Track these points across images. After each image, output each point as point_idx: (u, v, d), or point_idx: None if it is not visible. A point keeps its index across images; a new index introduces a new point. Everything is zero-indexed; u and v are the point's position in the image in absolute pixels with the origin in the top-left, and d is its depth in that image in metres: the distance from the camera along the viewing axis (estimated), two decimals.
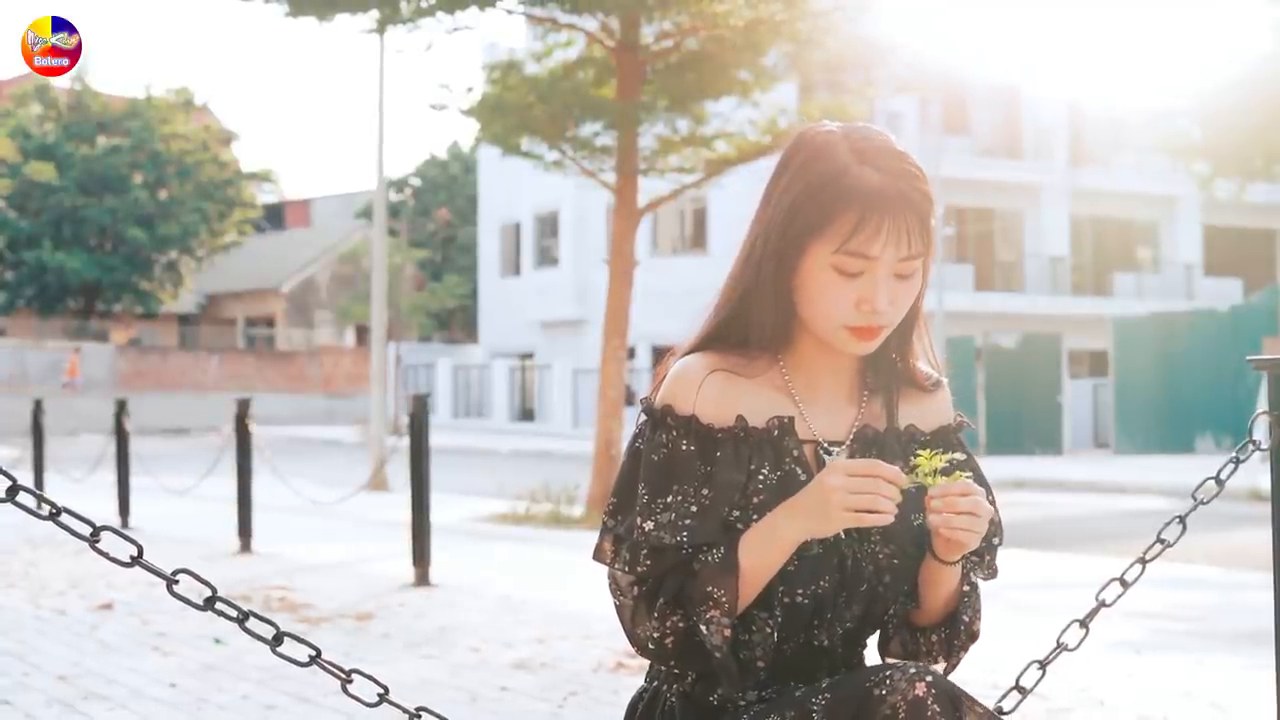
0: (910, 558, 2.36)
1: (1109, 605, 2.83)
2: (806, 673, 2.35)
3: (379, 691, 2.45)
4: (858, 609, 2.35)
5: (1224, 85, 21.06)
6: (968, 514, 2.22)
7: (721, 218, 40.95)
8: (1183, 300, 41.89)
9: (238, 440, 11.94)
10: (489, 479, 21.59)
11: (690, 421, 2.32)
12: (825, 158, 2.30)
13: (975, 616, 2.44)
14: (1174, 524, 2.87)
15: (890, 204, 2.25)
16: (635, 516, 2.30)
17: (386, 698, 2.45)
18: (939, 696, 2.09)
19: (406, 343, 51.51)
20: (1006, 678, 3.59)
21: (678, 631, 2.26)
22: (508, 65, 15.87)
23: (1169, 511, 14.02)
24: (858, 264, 2.26)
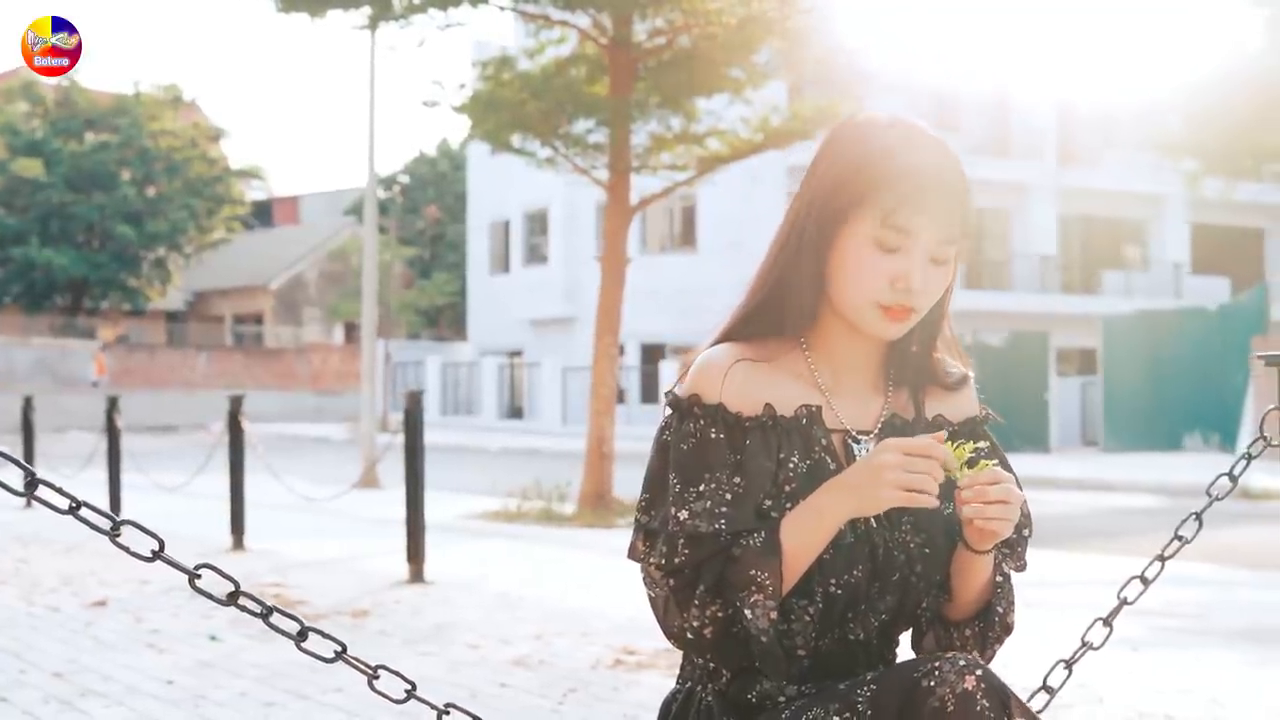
0: (941, 547, 2.35)
1: (1131, 603, 2.83)
2: (844, 668, 2.33)
3: (406, 688, 2.44)
4: (891, 600, 2.34)
5: (1212, 83, 21.09)
6: (999, 502, 2.22)
7: (710, 216, 40.94)
8: (1170, 299, 41.95)
9: (230, 437, 11.92)
10: (479, 477, 21.58)
11: (718, 410, 2.32)
12: (872, 138, 2.33)
13: (1009, 608, 2.43)
14: (1191, 521, 2.86)
15: (935, 185, 2.28)
16: (669, 507, 2.28)
17: (414, 694, 2.44)
18: (988, 691, 2.07)
19: (395, 340, 51.44)
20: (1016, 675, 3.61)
21: (717, 621, 2.24)
22: (500, 62, 15.84)
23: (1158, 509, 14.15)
24: (898, 239, 2.27)
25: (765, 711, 2.29)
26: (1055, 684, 2.79)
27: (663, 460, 2.34)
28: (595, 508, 14.71)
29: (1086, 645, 2.81)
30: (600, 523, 14.07)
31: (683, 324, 40.61)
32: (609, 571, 10.11)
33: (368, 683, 2.43)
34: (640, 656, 6.43)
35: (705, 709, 2.34)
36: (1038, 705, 2.74)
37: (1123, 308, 37.31)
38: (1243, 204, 42.89)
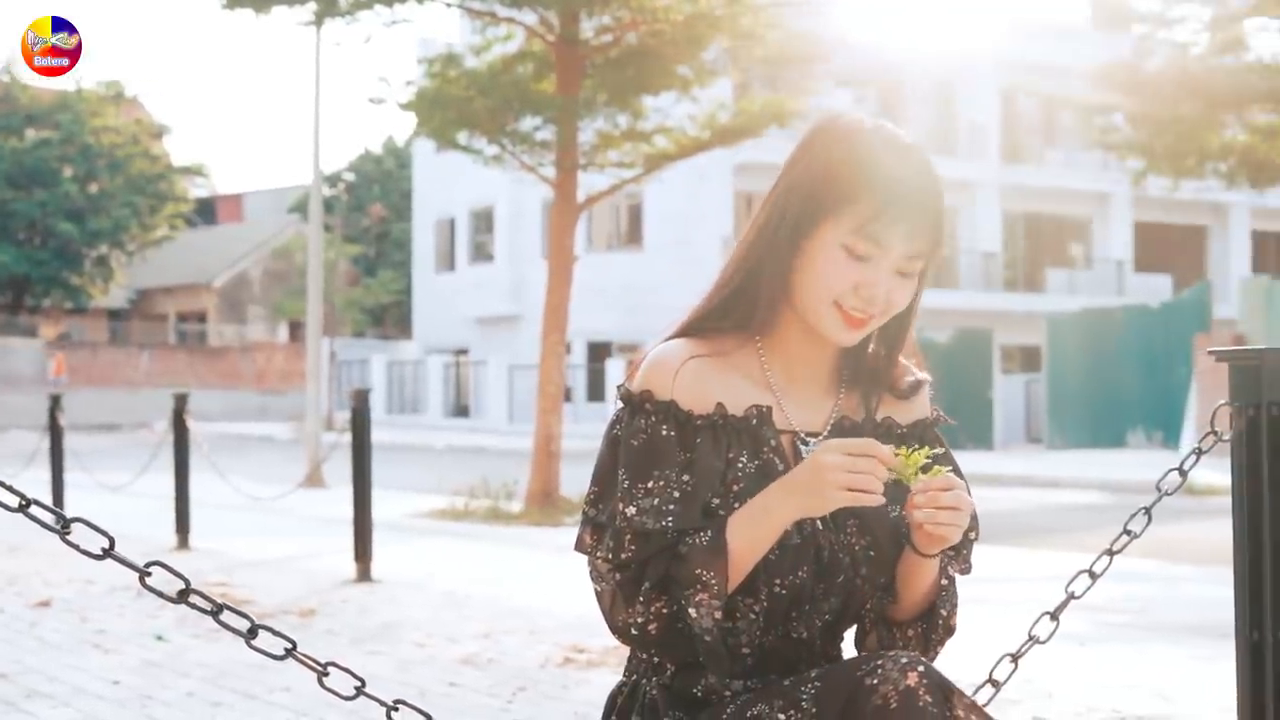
0: (886, 550, 2.36)
1: (1078, 598, 2.85)
2: (787, 664, 2.34)
3: (355, 685, 2.42)
4: (835, 601, 2.35)
5: (1158, 83, 21.23)
6: (950, 508, 2.23)
7: (657, 214, 40.96)
8: (1113, 296, 42.22)
9: (175, 436, 11.84)
10: (425, 475, 21.51)
11: (670, 406, 2.32)
12: (853, 142, 2.33)
13: (952, 611, 2.45)
14: (1140, 516, 2.88)
15: (912, 200, 2.29)
16: (617, 503, 2.29)
17: (364, 690, 2.43)
18: (931, 687, 2.08)
19: (340, 339, 51.25)
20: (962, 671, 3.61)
21: (662, 618, 2.25)
22: (447, 59, 15.78)
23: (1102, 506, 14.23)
24: (869, 248, 2.27)
25: (710, 706, 2.29)
26: (1001, 678, 2.80)
27: (612, 454, 2.34)
28: (542, 506, 14.68)
29: (1033, 639, 2.82)
30: (548, 521, 14.05)
31: (629, 322, 40.62)
32: (557, 570, 10.09)
33: (317, 680, 2.42)
34: (590, 655, 6.41)
35: (650, 703, 2.34)
36: (984, 698, 2.75)
37: (1067, 305, 37.56)
38: (1185, 202, 43.26)
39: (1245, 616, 2.97)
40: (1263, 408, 2.95)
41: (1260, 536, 2.96)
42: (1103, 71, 21.99)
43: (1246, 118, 21.96)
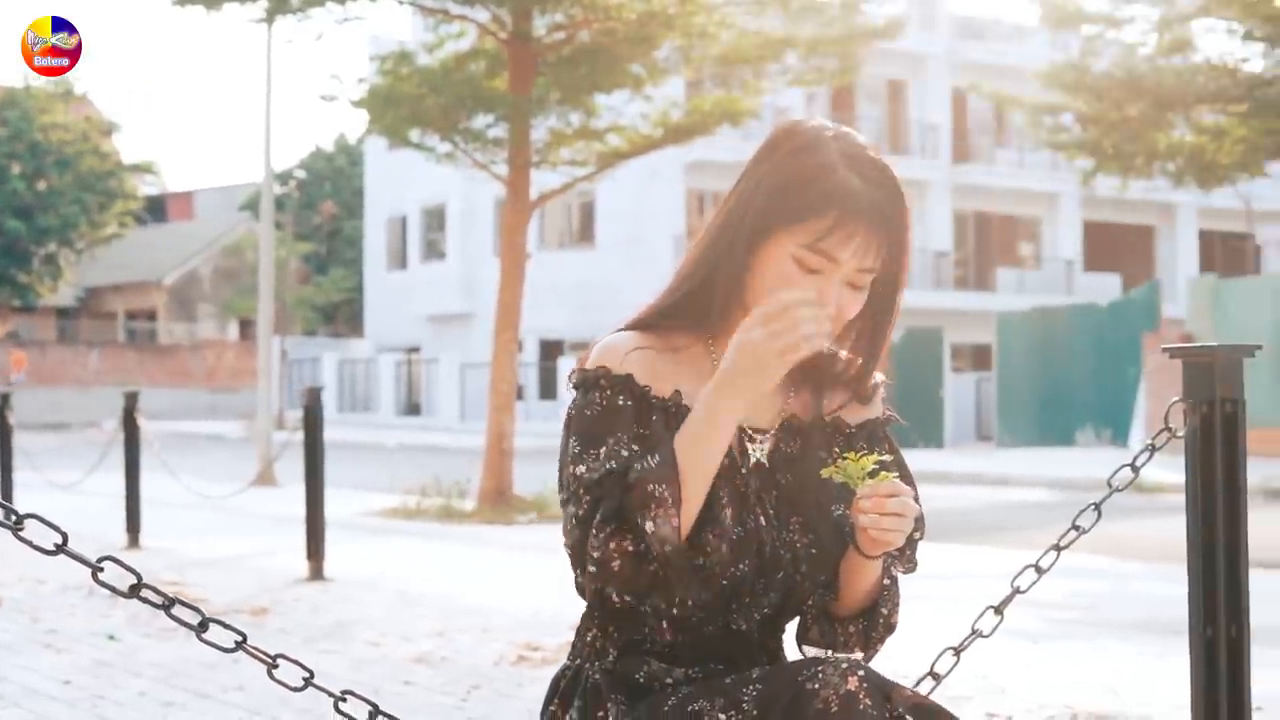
0: (829, 548, 2.37)
1: (1024, 591, 2.86)
2: (726, 656, 2.36)
3: (304, 676, 2.42)
4: (775, 596, 2.36)
5: (1107, 84, 21.36)
6: (895, 514, 2.24)
7: (609, 212, 40.96)
8: (1063, 295, 42.46)
9: (125, 434, 11.77)
10: (377, 474, 21.45)
11: (626, 380, 2.33)
12: (815, 152, 2.32)
13: (894, 609, 2.47)
14: (1090, 511, 2.90)
15: (868, 214, 2.28)
16: (570, 472, 2.29)
17: (312, 682, 2.42)
18: (871, 690, 2.10)
19: (291, 337, 51.03)
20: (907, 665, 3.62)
21: (625, 554, 2.21)
22: (399, 56, 15.73)
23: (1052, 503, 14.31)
24: (821, 263, 2.28)
25: (653, 693, 2.30)
26: (943, 670, 2.81)
27: (568, 435, 2.35)
28: (495, 504, 14.66)
29: (976, 633, 2.83)
30: (500, 519, 14.03)
31: (581, 320, 40.60)
32: (510, 568, 10.09)
33: (267, 672, 2.41)
34: (544, 652, 6.41)
35: (593, 687, 2.35)
36: (924, 691, 2.76)
37: (1016, 304, 37.74)
38: (1133, 202, 43.55)
39: (1199, 612, 3.00)
40: (1215, 404, 2.98)
41: (1213, 532, 2.99)
42: (1052, 72, 22.10)
43: (1194, 118, 22.11)
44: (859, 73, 17.09)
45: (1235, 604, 2.99)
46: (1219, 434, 2.98)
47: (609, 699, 2.31)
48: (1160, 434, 2.97)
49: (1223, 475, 2.99)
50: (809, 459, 2.39)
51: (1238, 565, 2.99)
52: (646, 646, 2.36)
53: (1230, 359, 2.99)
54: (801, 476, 2.38)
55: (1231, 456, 2.98)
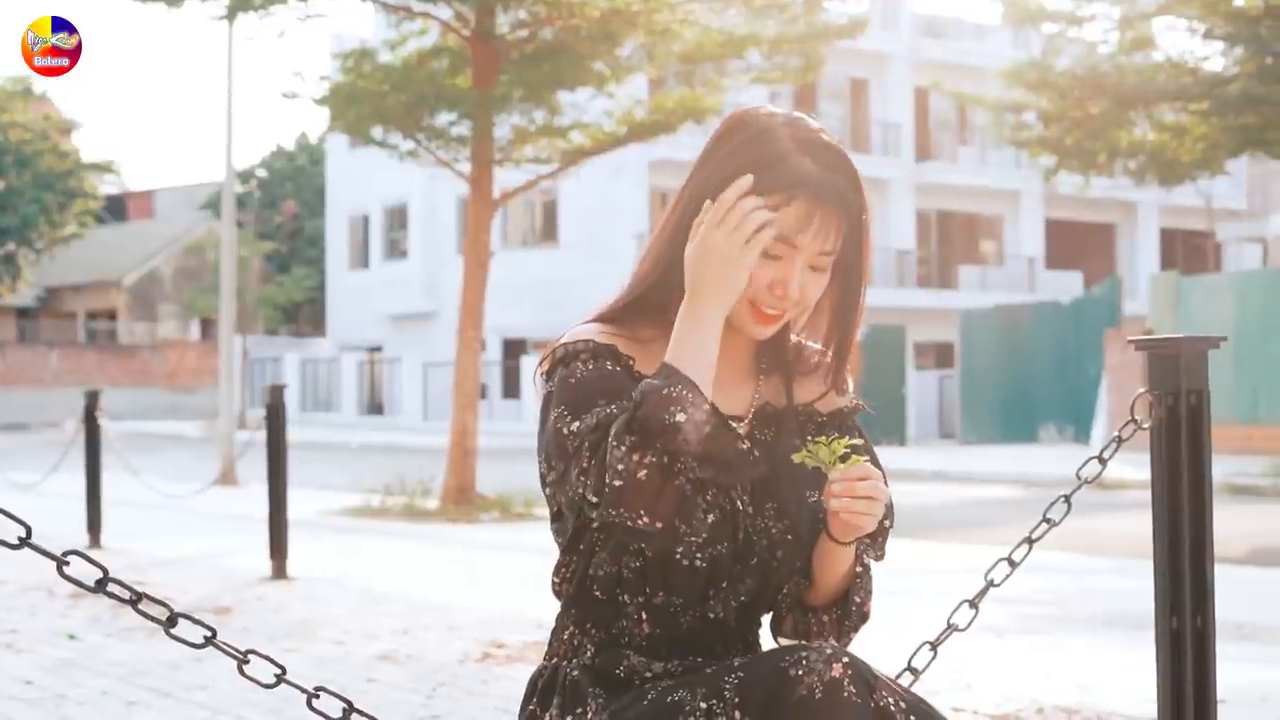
0: (804, 535, 2.37)
1: (997, 585, 2.87)
2: (704, 646, 2.35)
3: (276, 673, 2.40)
4: (751, 583, 2.35)
5: (1068, 82, 21.43)
6: (866, 498, 2.24)
7: (572, 210, 40.91)
8: (1025, 293, 42.61)
9: (87, 434, 11.70)
10: (340, 473, 21.39)
11: (610, 349, 2.32)
12: (767, 140, 2.32)
13: (867, 598, 2.47)
14: (1060, 504, 2.90)
15: (825, 197, 2.29)
16: (559, 434, 2.25)
17: (284, 678, 2.40)
18: (855, 678, 2.08)
19: (253, 336, 50.81)
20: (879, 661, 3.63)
21: (649, 465, 2.15)
22: (361, 53, 15.67)
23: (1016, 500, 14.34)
24: (782, 249, 2.28)
25: (632, 687, 2.28)
26: (920, 665, 2.81)
27: (546, 416, 2.32)
28: (459, 502, 14.62)
29: (952, 627, 2.84)
30: (464, 518, 14.00)
31: (545, 319, 40.55)
32: (474, 566, 10.07)
33: (237, 668, 2.39)
34: (509, 650, 6.40)
35: (571, 683, 2.33)
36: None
37: (979, 302, 37.85)
38: (1094, 200, 43.71)
39: (1165, 603, 2.99)
40: (1181, 396, 2.98)
41: (1179, 524, 2.99)
42: (1014, 70, 22.17)
43: (1155, 116, 22.21)
44: (821, 71, 17.11)
45: (1201, 595, 2.99)
46: (1184, 425, 2.98)
47: (588, 696, 2.29)
48: (1126, 425, 2.97)
49: (1188, 466, 2.98)
50: (783, 446, 2.38)
51: (1203, 556, 2.99)
52: (625, 640, 2.35)
53: (1195, 351, 2.99)
54: (776, 463, 2.37)
55: (1197, 448, 2.98)
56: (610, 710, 2.24)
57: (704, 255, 2.23)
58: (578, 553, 2.37)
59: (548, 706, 2.35)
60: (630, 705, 2.22)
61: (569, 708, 2.30)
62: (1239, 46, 20.73)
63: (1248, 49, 20.41)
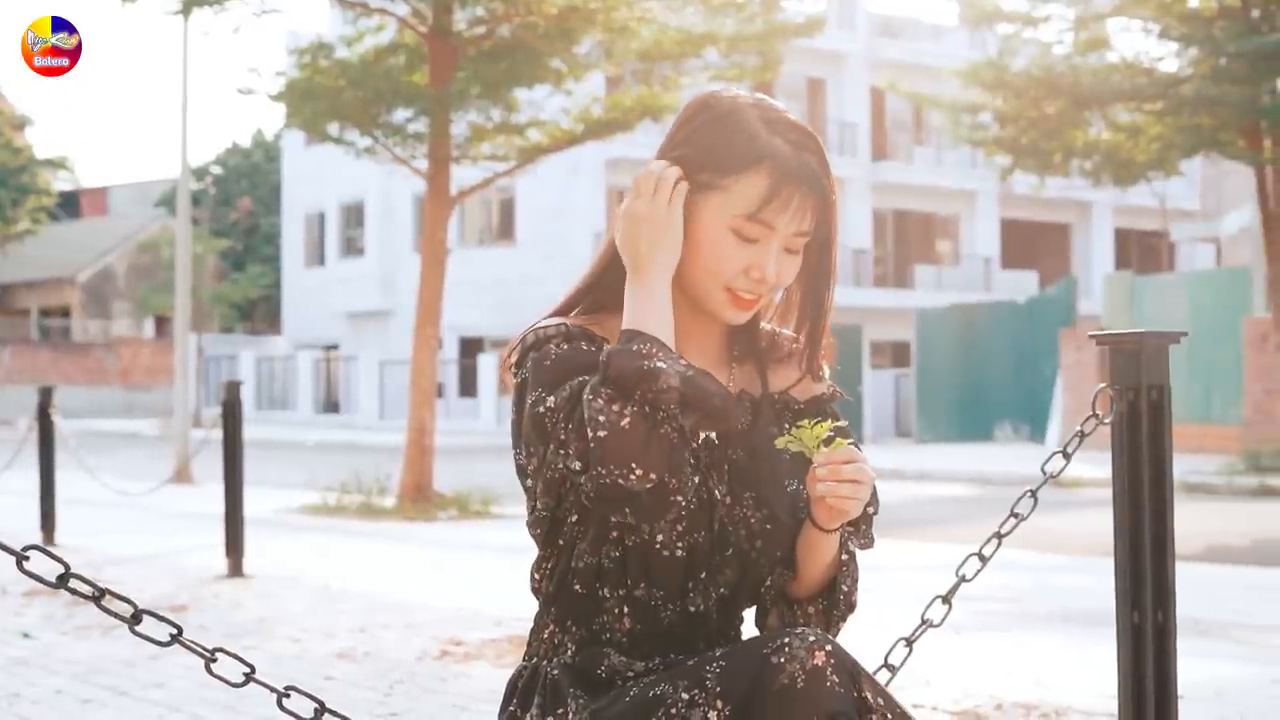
0: (784, 524, 2.34)
1: (969, 580, 2.87)
2: (686, 642, 2.33)
3: (245, 671, 2.37)
4: (731, 574, 2.33)
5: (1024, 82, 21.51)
6: (852, 481, 2.22)
7: (529, 208, 40.86)
8: (981, 293, 42.79)
9: (40, 431, 11.62)
10: (296, 471, 21.30)
11: (583, 331, 2.30)
12: (736, 119, 2.31)
13: (854, 586, 2.45)
14: (1026, 498, 2.91)
15: (799, 178, 2.28)
16: (537, 416, 2.23)
17: (254, 677, 2.37)
18: (838, 666, 2.06)
19: (208, 334, 50.57)
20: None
21: (631, 415, 2.13)
22: (317, 48, 15.59)
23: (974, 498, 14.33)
24: (759, 231, 2.27)
25: (614, 686, 2.26)
26: (896, 661, 2.82)
27: (520, 411, 2.29)
28: (415, 501, 14.57)
29: (926, 623, 2.85)
30: (421, 516, 13.95)
31: (501, 317, 40.49)
32: (431, 564, 10.03)
33: (204, 666, 2.37)
34: (467, 648, 6.37)
35: (552, 683, 2.31)
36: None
37: (935, 301, 37.99)
38: (1050, 200, 43.93)
39: (1126, 598, 3.00)
40: (1142, 391, 2.98)
41: (1140, 519, 2.99)
42: (971, 70, 22.23)
43: (1111, 116, 22.31)
44: (778, 70, 17.12)
45: (1161, 590, 3.00)
46: (1145, 420, 2.99)
47: (569, 696, 2.26)
48: (1088, 420, 2.98)
49: (1149, 461, 2.99)
50: (760, 434, 2.36)
51: (1164, 551, 3.00)
52: (606, 638, 2.32)
53: (1156, 346, 3.00)
54: (753, 452, 2.35)
55: (1158, 442, 2.99)
56: (591, 710, 2.21)
57: (631, 227, 2.26)
58: (557, 547, 2.34)
59: (528, 707, 2.33)
60: (612, 704, 2.20)
61: (550, 708, 2.28)
62: (1193, 47, 20.85)
63: (1202, 50, 20.52)
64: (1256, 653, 6.48)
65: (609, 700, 2.21)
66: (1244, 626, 7.25)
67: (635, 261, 2.26)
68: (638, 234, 2.25)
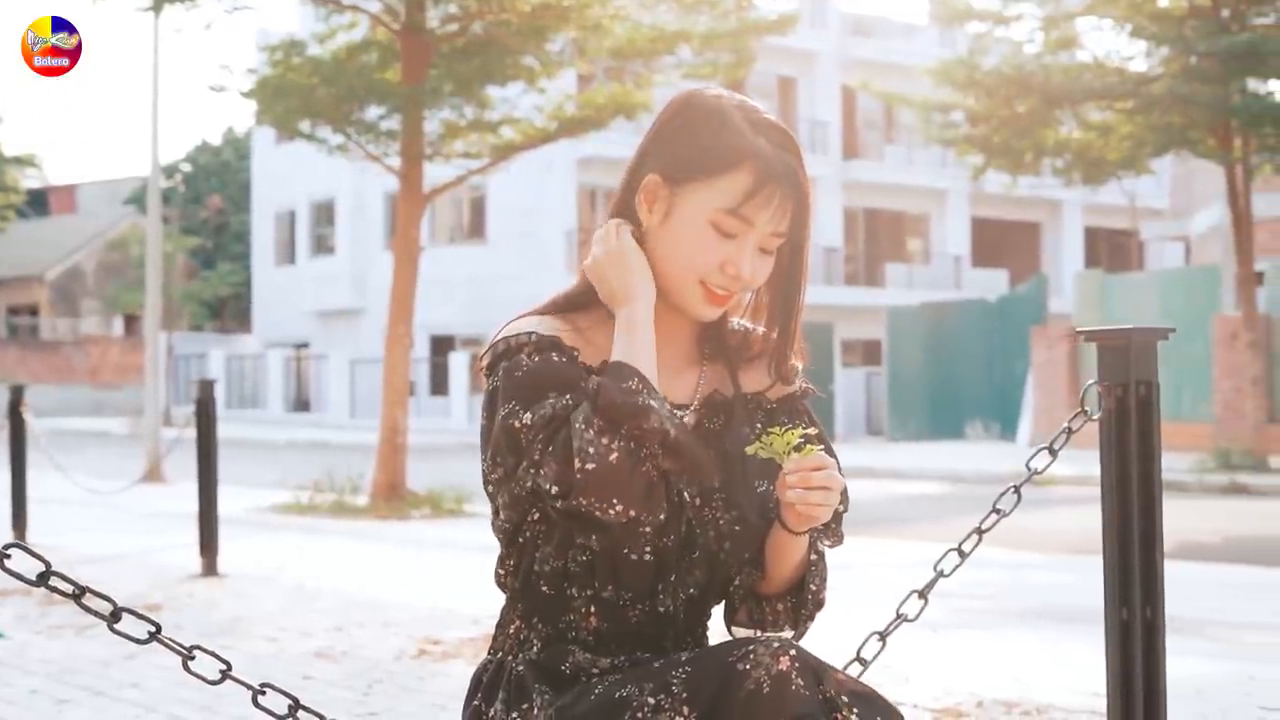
0: (752, 525, 2.34)
1: (947, 575, 2.87)
2: (653, 641, 2.32)
3: (221, 669, 2.35)
4: (700, 575, 2.33)
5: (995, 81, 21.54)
6: (822, 488, 2.21)
7: (500, 206, 40.77)
8: (951, 291, 42.85)
9: (11, 429, 11.55)
10: (267, 470, 21.23)
11: (555, 341, 2.29)
12: (720, 117, 2.32)
13: (822, 585, 2.45)
14: (1009, 494, 2.90)
15: (781, 178, 2.29)
16: (509, 429, 2.22)
17: (230, 674, 2.35)
18: (802, 670, 2.06)
19: (178, 332, 50.38)
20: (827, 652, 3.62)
21: (618, 450, 2.15)
22: (290, 45, 15.53)
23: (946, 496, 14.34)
24: (738, 227, 2.28)
25: (579, 683, 2.25)
26: (869, 656, 2.81)
27: (492, 415, 2.28)
28: (389, 499, 14.52)
29: (901, 617, 2.84)
30: (394, 514, 13.90)
31: (472, 315, 40.40)
32: (406, 563, 10.00)
33: (182, 664, 2.35)
34: (445, 646, 6.35)
35: (517, 679, 2.30)
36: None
37: (906, 300, 38.03)
38: (1020, 199, 44.01)
39: (1115, 594, 3.00)
40: (1131, 386, 2.98)
41: (1129, 514, 2.99)
42: (943, 68, 22.26)
43: (1082, 115, 22.37)
44: (751, 68, 17.13)
45: (1150, 586, 2.99)
46: (1134, 416, 2.98)
47: (534, 691, 2.25)
48: (1076, 416, 2.97)
49: (1138, 457, 2.99)
50: (732, 435, 2.36)
51: (1153, 547, 3.00)
52: (571, 635, 2.31)
53: (1145, 341, 2.99)
54: (724, 453, 2.35)
55: (1146, 438, 2.99)
56: (556, 706, 2.20)
57: (599, 274, 2.30)
58: (518, 546, 2.34)
59: (492, 702, 2.32)
60: (576, 701, 2.19)
61: (514, 704, 2.27)
62: (1164, 46, 20.91)
63: (1173, 49, 20.59)
64: (1233, 650, 6.50)
65: (573, 697, 2.20)
66: (1219, 624, 7.28)
67: (615, 298, 2.29)
68: (607, 275, 2.29)
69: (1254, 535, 13.17)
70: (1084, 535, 12.20)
